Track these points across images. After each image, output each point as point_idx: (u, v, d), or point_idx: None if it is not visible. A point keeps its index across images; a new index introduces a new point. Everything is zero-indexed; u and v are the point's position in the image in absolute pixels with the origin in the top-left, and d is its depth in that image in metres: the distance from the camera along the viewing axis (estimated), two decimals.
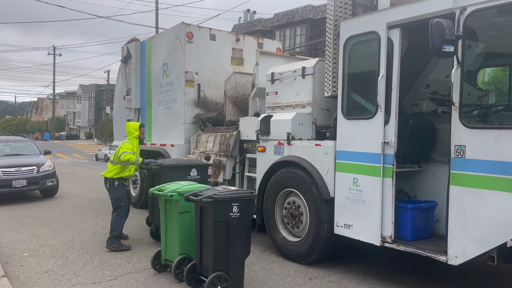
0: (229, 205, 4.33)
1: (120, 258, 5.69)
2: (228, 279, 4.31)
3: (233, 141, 6.78)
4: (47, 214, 8.75)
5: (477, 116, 4.38)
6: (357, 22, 4.80)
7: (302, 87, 5.67)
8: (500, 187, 3.59)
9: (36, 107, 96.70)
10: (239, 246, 4.40)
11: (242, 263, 4.49)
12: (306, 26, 27.37)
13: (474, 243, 3.76)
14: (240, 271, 4.46)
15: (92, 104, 66.27)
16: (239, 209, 4.37)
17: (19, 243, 6.49)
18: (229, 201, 4.34)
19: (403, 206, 4.70)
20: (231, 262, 4.37)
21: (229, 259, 4.35)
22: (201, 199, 4.29)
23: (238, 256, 4.41)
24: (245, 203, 4.42)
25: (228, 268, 4.35)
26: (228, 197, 4.34)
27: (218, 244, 4.31)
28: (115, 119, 11.01)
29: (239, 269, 4.45)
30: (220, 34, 8.36)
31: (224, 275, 4.30)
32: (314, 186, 5.15)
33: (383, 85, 4.46)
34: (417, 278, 4.95)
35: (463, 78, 3.89)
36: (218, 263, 4.33)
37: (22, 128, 72.09)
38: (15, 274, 5.08)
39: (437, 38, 3.64)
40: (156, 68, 8.69)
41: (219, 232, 4.30)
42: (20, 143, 12.42)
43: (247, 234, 4.46)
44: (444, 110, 5.18)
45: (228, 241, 4.33)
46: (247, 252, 4.48)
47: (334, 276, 5.02)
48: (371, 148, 4.58)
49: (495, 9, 3.78)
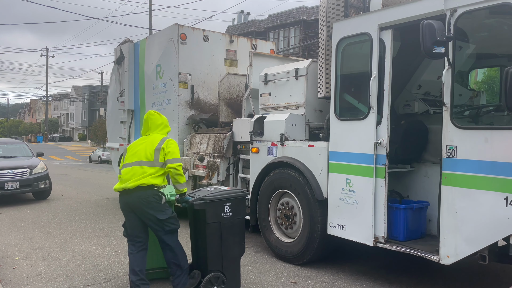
0: (221, 205, 4.33)
1: (113, 260, 5.66)
2: (224, 279, 4.31)
3: (227, 142, 6.78)
4: (40, 217, 8.69)
5: (468, 116, 4.42)
6: (349, 24, 4.83)
7: (295, 88, 5.68)
8: (491, 187, 3.62)
9: (29, 109, 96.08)
10: (234, 245, 4.41)
11: (238, 262, 4.49)
12: (299, 28, 27.42)
13: (466, 243, 3.79)
14: (236, 270, 4.47)
15: (85, 106, 65.90)
16: (231, 209, 4.36)
17: (11, 246, 6.44)
18: (220, 202, 4.32)
19: (395, 206, 4.72)
20: (227, 261, 4.37)
21: (224, 259, 4.35)
22: (192, 202, 4.27)
23: (233, 255, 4.42)
24: (236, 202, 4.43)
25: (224, 267, 4.35)
26: (219, 197, 4.33)
27: (212, 245, 4.30)
28: (108, 120, 10.96)
29: (235, 268, 4.46)
30: (214, 35, 8.36)
31: (220, 275, 4.30)
32: (308, 186, 5.16)
33: (375, 86, 4.49)
34: (410, 277, 4.98)
35: (454, 79, 3.92)
36: (213, 264, 4.32)
37: (15, 130, 71.51)
38: (7, 277, 5.04)
39: (428, 39, 3.67)
40: (150, 70, 8.67)
41: (212, 233, 4.29)
42: (12, 145, 12.32)
43: (240, 233, 4.47)
44: (436, 110, 5.22)
45: (222, 241, 4.33)
46: (242, 250, 4.49)
47: (327, 276, 5.04)
48: (364, 149, 4.60)
49: (486, 10, 3.81)
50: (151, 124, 4.57)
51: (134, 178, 4.20)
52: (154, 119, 4.58)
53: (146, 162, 4.25)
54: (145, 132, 4.62)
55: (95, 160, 29.85)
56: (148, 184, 4.17)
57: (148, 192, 4.17)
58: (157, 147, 4.32)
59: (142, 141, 4.47)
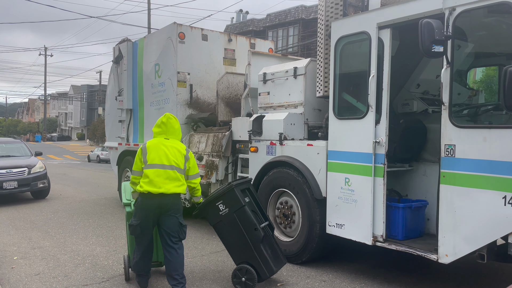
0: (214, 206, 4.52)
1: (112, 260, 5.66)
2: (249, 269, 4.44)
3: (226, 142, 6.77)
4: (38, 216, 8.68)
5: (466, 115, 4.42)
6: (348, 23, 4.82)
7: (294, 87, 5.68)
8: (489, 186, 3.63)
9: (27, 108, 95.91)
10: (245, 235, 4.47)
11: (259, 248, 4.48)
12: (298, 27, 27.40)
13: (464, 242, 3.79)
14: (260, 256, 4.47)
15: (84, 105, 65.83)
16: (225, 205, 4.50)
17: (10, 245, 6.43)
18: (212, 203, 4.53)
19: (394, 205, 4.73)
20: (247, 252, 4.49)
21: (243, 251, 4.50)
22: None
23: (252, 243, 4.47)
24: (228, 197, 4.51)
25: (249, 258, 4.48)
26: (209, 199, 4.59)
27: (227, 242, 4.61)
28: (107, 120, 10.94)
29: (258, 255, 4.47)
30: (212, 34, 8.34)
31: (246, 266, 4.46)
32: (306, 186, 5.16)
33: (374, 85, 4.48)
34: (409, 276, 4.99)
35: (452, 78, 3.93)
36: (237, 258, 4.59)
37: (13, 129, 71.46)
38: (5, 276, 5.03)
39: (426, 38, 3.67)
40: (148, 69, 8.66)
41: (221, 232, 4.61)
42: (11, 144, 12.31)
43: (247, 220, 4.48)
44: (435, 109, 5.22)
45: (233, 236, 4.53)
46: (259, 234, 4.47)
47: (326, 275, 5.04)
48: (363, 148, 4.60)
49: (484, 9, 3.81)
50: (170, 128, 4.53)
51: (170, 183, 4.28)
52: (173, 124, 4.56)
53: (178, 169, 4.36)
54: (160, 134, 4.53)
55: (93, 159, 29.83)
56: (184, 192, 4.44)
57: (179, 199, 4.45)
58: (186, 156, 4.47)
59: (166, 143, 4.43)
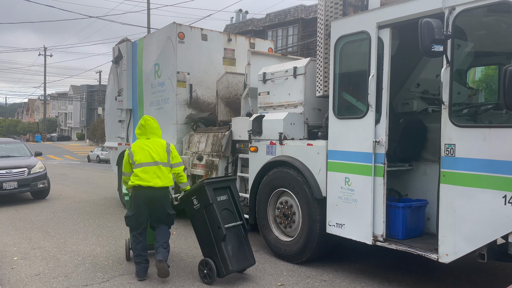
0: (190, 200, 4.88)
1: (112, 260, 5.66)
2: (211, 264, 4.68)
3: (226, 141, 6.77)
4: (38, 216, 8.68)
5: (466, 115, 4.42)
6: (348, 22, 4.82)
7: (294, 87, 5.68)
8: (489, 185, 3.62)
9: (27, 108, 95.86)
10: (210, 231, 4.73)
11: (220, 246, 4.68)
12: (298, 26, 27.40)
13: (465, 241, 3.79)
14: (220, 253, 4.67)
15: (83, 105, 65.82)
16: (198, 201, 4.82)
17: (10, 245, 6.43)
18: (188, 196, 4.90)
19: (394, 205, 4.72)
20: (210, 248, 4.74)
21: (207, 246, 4.78)
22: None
23: (215, 240, 4.71)
24: (199, 193, 4.79)
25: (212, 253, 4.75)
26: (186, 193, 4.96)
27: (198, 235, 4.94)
28: (106, 120, 10.94)
29: (219, 252, 4.67)
30: (212, 34, 8.34)
31: (209, 260, 4.72)
32: (306, 185, 5.16)
33: (374, 84, 4.48)
34: (409, 276, 4.99)
35: (452, 77, 3.92)
36: (204, 251, 4.86)
37: (13, 130, 71.45)
38: (5, 277, 5.03)
39: (426, 38, 3.66)
40: (148, 69, 8.65)
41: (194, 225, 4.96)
42: (10, 144, 12.31)
43: (212, 218, 4.73)
44: (435, 109, 5.22)
45: (202, 230, 4.83)
46: (221, 233, 4.67)
47: (326, 275, 5.04)
48: (362, 148, 4.60)
49: (484, 8, 3.81)
50: (149, 128, 5.11)
51: (158, 177, 4.88)
52: (151, 124, 5.15)
53: (162, 163, 4.96)
54: (141, 134, 5.13)
55: (93, 159, 29.83)
56: (170, 185, 5.00)
57: (167, 191, 5.04)
58: (167, 150, 5.07)
59: (148, 143, 5.02)
